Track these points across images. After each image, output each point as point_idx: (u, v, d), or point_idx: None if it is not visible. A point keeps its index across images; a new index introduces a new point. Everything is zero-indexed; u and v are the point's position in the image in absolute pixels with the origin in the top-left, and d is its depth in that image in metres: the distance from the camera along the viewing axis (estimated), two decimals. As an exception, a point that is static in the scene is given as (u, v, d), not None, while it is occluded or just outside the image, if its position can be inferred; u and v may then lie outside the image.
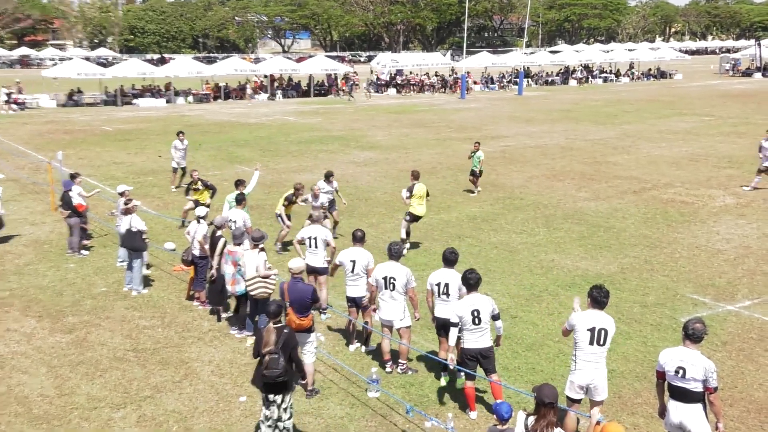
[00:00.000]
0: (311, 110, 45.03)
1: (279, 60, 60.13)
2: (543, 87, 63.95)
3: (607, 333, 7.62)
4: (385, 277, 9.61)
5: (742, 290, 12.77)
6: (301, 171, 24.31)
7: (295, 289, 9.08)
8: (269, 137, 32.45)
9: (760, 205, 18.92)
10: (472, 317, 8.40)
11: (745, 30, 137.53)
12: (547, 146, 29.18)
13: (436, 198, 20.04)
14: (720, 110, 41.68)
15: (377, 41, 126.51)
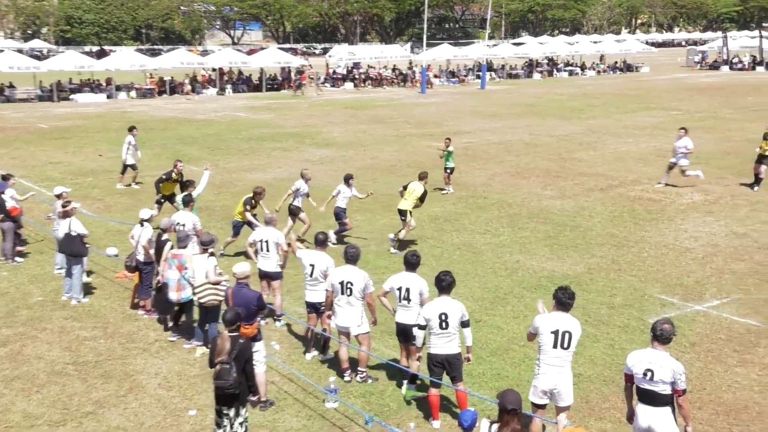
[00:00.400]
0: (263, 105, 44.77)
1: (228, 52, 59.59)
2: (506, 80, 64.61)
3: (571, 336, 7.73)
4: (342, 282, 9.59)
5: (711, 289, 13.10)
6: (252, 170, 24.18)
7: (239, 296, 9.03)
8: (218, 134, 32.19)
9: (728, 201, 19.41)
10: (440, 321, 8.45)
11: (712, 22, 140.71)
12: (511, 142, 29.51)
13: (395, 198, 20.11)
14: (687, 104, 42.63)
15: (333, 33, 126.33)
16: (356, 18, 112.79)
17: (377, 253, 15.24)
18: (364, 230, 17.03)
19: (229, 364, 7.67)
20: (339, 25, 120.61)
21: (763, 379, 9.82)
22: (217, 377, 7.67)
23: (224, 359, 7.69)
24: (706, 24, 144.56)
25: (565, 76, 68.76)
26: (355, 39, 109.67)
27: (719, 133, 31.47)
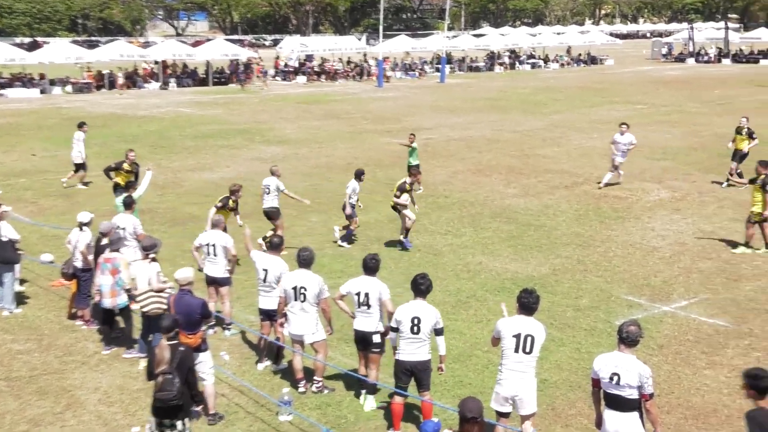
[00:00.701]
0: (210, 101, 44.37)
1: (172, 44, 58.94)
2: (467, 73, 65.05)
3: (534, 340, 7.78)
4: (295, 287, 9.52)
5: (678, 290, 13.36)
6: (199, 169, 23.94)
7: (182, 303, 8.93)
8: (161, 131, 31.81)
9: (695, 198, 19.82)
10: (411, 325, 8.44)
11: (677, 13, 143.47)
12: (473, 138, 29.71)
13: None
14: (653, 98, 43.42)
15: (284, 23, 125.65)
16: (308, 8, 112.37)
17: (333, 257, 15.21)
18: (318, 231, 16.98)
19: (171, 374, 7.61)
20: (290, 16, 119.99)
21: (732, 381, 10.04)
22: (160, 389, 7.59)
23: (166, 369, 7.62)
24: (671, 15, 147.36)
25: (527, 69, 69.51)
26: (308, 30, 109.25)
27: (685, 127, 32.11)
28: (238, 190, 14.51)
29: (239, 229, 16.34)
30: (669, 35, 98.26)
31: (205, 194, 20.62)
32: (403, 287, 13.12)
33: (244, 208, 19.04)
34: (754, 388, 6.59)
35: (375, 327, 9.19)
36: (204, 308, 9.00)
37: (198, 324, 8.92)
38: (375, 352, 9.27)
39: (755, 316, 12.17)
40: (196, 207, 19.10)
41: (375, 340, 9.21)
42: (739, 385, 6.71)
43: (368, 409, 9.32)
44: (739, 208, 18.60)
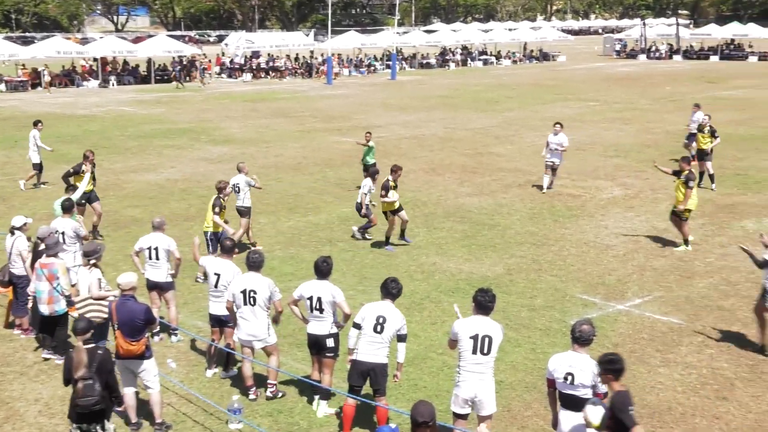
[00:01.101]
0: (152, 99, 43.82)
1: (111, 40, 58.12)
2: (418, 70, 65.35)
3: (491, 341, 7.85)
4: (245, 291, 9.47)
5: (632, 288, 13.63)
6: (142, 170, 23.63)
7: (124, 309, 8.81)
8: (102, 131, 31.30)
9: (648, 196, 20.22)
10: (375, 323, 8.46)
11: (628, 9, 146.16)
12: (425, 137, 29.87)
13: (302, 198, 20.08)
14: (605, 95, 44.18)
15: (229, 19, 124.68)
16: (254, 3, 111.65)
17: (282, 259, 15.15)
18: (267, 233, 16.91)
19: (91, 379, 7.64)
20: (235, 11, 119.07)
21: (686, 378, 10.29)
22: (81, 396, 7.61)
23: (85, 374, 7.64)
24: (623, 11, 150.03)
25: (479, 66, 70.12)
26: (254, 26, 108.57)
27: (638, 124, 32.74)
28: (224, 187, 14.21)
29: (188, 233, 16.21)
30: (620, 31, 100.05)
31: (149, 196, 20.40)
32: (356, 289, 13.21)
33: (189, 211, 18.93)
34: (611, 372, 6.98)
35: (328, 331, 9.20)
36: (147, 314, 8.89)
37: (141, 330, 8.80)
38: (329, 356, 9.27)
39: (708, 313, 12.48)
40: (139, 210, 18.87)
41: (329, 345, 9.21)
42: (601, 375, 7.07)
43: (321, 415, 9.32)
44: (691, 205, 19.05)
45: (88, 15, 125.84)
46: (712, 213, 18.41)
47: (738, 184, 21.39)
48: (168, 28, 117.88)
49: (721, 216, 18.16)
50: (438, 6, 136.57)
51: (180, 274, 13.85)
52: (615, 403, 6.81)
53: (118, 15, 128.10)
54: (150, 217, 14.37)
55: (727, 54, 73.84)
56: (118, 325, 8.78)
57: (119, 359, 8.88)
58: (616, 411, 6.75)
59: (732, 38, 76.44)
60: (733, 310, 12.57)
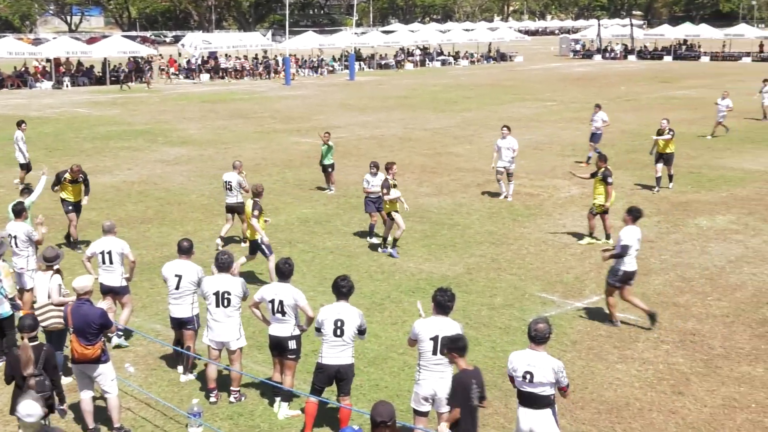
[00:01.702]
0: (108, 100, 43.25)
1: (65, 41, 57.20)
2: (377, 71, 65.41)
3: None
4: (218, 293, 9.42)
5: (590, 285, 13.80)
6: (98, 173, 23.29)
7: (79, 313, 8.70)
8: (56, 133, 30.82)
9: (605, 194, 20.46)
10: (335, 327, 8.44)
11: (584, 9, 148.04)
12: (384, 137, 29.92)
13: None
14: (562, 95, 44.66)
15: (185, 19, 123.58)
16: (211, 3, 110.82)
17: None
18: (227, 236, 16.78)
19: (41, 375, 7.70)
20: (191, 11, 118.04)
21: (643, 374, 10.46)
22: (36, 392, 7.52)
23: (34, 371, 7.67)
24: (578, 12, 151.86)
25: (438, 66, 70.40)
26: (211, 26, 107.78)
27: (594, 124, 33.08)
28: (262, 191, 14.06)
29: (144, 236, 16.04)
30: (576, 32, 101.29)
31: (105, 199, 20.13)
32: (316, 290, 13.19)
33: (146, 213, 18.72)
34: (455, 350, 7.47)
35: (290, 333, 9.17)
36: (103, 318, 8.76)
37: (96, 335, 8.69)
38: (290, 358, 9.25)
39: (664, 309, 12.69)
40: (95, 213, 18.60)
41: (291, 347, 9.19)
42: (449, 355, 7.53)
43: (282, 417, 9.29)
44: (647, 203, 19.34)
45: (41, 15, 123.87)
46: (667, 211, 18.72)
47: (692, 182, 21.78)
48: (123, 29, 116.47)
49: (676, 214, 18.48)
50: (396, 6, 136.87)
51: (138, 277, 13.71)
52: (460, 380, 7.35)
53: (72, 15, 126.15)
54: (101, 220, 14.17)
55: (680, 54, 75.17)
56: (74, 329, 8.67)
57: (75, 364, 8.79)
58: (460, 388, 7.28)
59: (684, 38, 77.85)
60: (688, 306, 12.80)
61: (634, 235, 11.84)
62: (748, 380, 10.27)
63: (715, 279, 14.09)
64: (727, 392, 9.95)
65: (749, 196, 20.14)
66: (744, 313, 12.52)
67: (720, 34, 75.43)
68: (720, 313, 12.53)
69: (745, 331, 11.83)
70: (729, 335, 11.67)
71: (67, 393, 9.92)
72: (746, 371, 10.52)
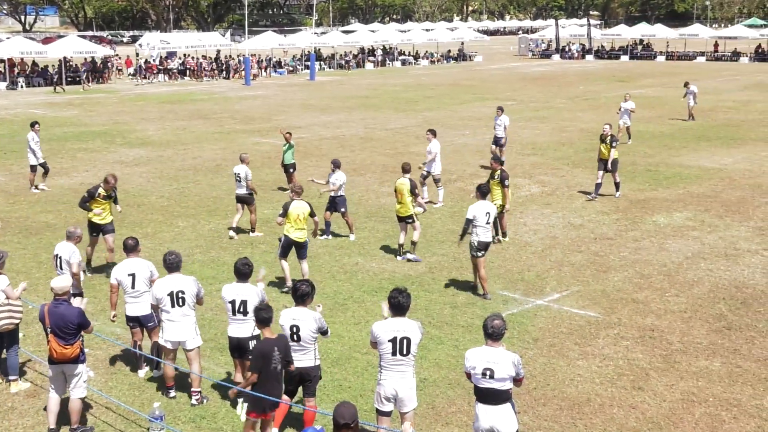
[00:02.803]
0: (64, 101, 42.61)
1: (19, 41, 56.11)
2: (337, 71, 65.32)
3: (410, 342, 7.94)
4: (172, 293, 9.38)
5: (551, 283, 13.93)
6: (55, 174, 22.92)
7: (56, 314, 8.74)
8: (11, 135, 30.28)
9: (565, 192, 20.70)
10: (291, 333, 8.40)
11: (542, 9, 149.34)
12: (345, 137, 29.89)
13: (222, 200, 19.85)
14: (521, 94, 45.02)
15: (142, 19, 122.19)
16: (168, 2, 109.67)
17: (203, 262, 14.95)
18: (187, 237, 16.65)
19: None
20: (149, 10, 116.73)
21: (603, 370, 10.59)
22: None
23: None
24: (536, 11, 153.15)
25: (398, 66, 70.51)
26: (168, 26, 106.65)
27: (553, 123, 33.48)
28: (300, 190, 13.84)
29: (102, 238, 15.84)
30: (535, 32, 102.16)
31: (63, 201, 19.82)
32: (278, 292, 13.13)
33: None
34: (259, 322, 8.22)
35: (251, 333, 9.13)
36: (80, 318, 8.82)
37: (74, 334, 8.75)
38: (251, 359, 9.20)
39: (623, 305, 12.86)
40: (52, 215, 18.33)
41: (251, 347, 9.14)
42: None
43: (245, 418, 9.23)
44: (606, 201, 19.59)
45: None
46: (625, 208, 18.97)
47: (649, 180, 22.09)
48: (79, 29, 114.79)
49: (634, 211, 18.73)
50: (356, 6, 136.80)
51: (95, 281, 13.57)
52: (261, 349, 8.08)
53: (26, 15, 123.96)
54: (64, 223, 13.98)
55: (636, 54, 76.23)
56: (51, 329, 8.71)
57: (52, 364, 8.83)
58: (260, 356, 8.03)
59: (641, 38, 78.97)
60: (647, 302, 12.99)
61: (481, 209, 12.92)
62: (705, 374, 10.45)
63: (673, 275, 14.31)
64: (685, 387, 10.12)
65: (705, 193, 20.49)
66: (701, 308, 12.74)
67: (675, 33, 76.70)
68: (678, 308, 12.73)
69: (703, 326, 12.03)
70: (687, 330, 11.86)
71: (25, 398, 9.79)
72: (704, 366, 10.70)
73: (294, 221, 13.14)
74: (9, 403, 9.68)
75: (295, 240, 13.22)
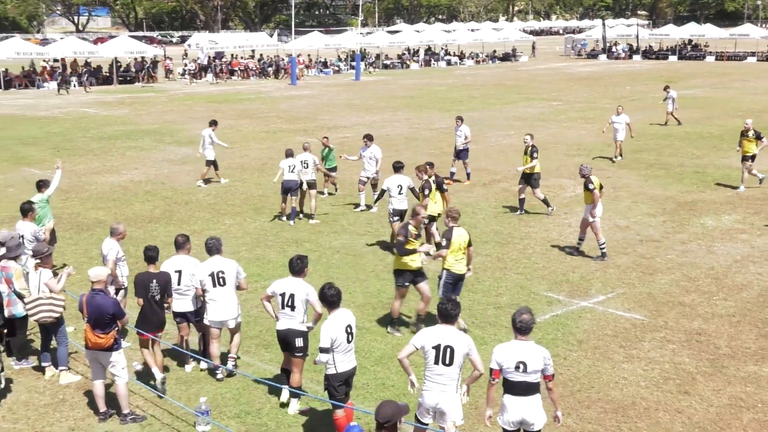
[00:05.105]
0: (115, 100, 43.33)
1: (72, 41, 57.28)
2: (382, 71, 65.40)
3: (453, 351, 7.62)
4: (213, 273, 9.88)
5: (596, 285, 13.77)
6: (105, 172, 23.36)
7: (93, 303, 8.97)
8: (64, 133, 30.90)
9: (610, 194, 20.40)
10: (347, 335, 8.40)
11: (588, 9, 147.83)
12: (390, 137, 29.89)
13: (267, 199, 20.00)
14: (567, 95, 44.58)
15: (191, 19, 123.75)
16: (217, 3, 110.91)
17: (249, 260, 15.06)
18: (233, 235, 16.80)
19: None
20: (198, 11, 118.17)
21: (649, 373, 10.43)
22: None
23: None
24: (583, 11, 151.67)
25: (443, 66, 70.35)
26: (217, 26, 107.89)
27: (599, 123, 32.96)
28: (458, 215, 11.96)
29: (152, 235, 16.02)
30: (581, 32, 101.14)
31: (113, 198, 20.17)
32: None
33: (153, 212, 18.74)
34: (147, 260, 9.83)
35: (297, 327, 9.20)
36: (115, 308, 9.02)
37: (109, 324, 8.95)
38: (298, 355, 9.29)
39: (669, 308, 12.66)
40: (103, 212, 18.65)
41: (298, 344, 9.23)
42: None
43: (292, 412, 9.30)
44: (653, 203, 19.31)
45: (48, 16, 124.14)
46: (672, 210, 18.67)
47: (697, 182, 21.72)
48: (129, 29, 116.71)
49: (681, 213, 18.43)
50: (401, 7, 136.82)
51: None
52: (141, 279, 9.38)
53: (79, 15, 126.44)
54: (114, 220, 14.22)
55: (685, 54, 74.98)
56: (87, 319, 8.94)
57: (88, 350, 9.09)
58: (140, 285, 9.52)
59: (689, 38, 77.65)
60: (694, 306, 12.77)
61: (393, 182, 15.54)
62: (754, 380, 10.23)
63: (721, 278, 14.05)
64: (733, 392, 9.93)
65: (755, 196, 20.07)
66: (750, 312, 12.48)
67: (725, 33, 75.22)
68: (726, 312, 12.49)
69: (752, 330, 11.79)
70: (735, 335, 11.63)
71: (75, 390, 9.97)
72: (753, 371, 10.49)
73: (455, 252, 11.50)
74: (60, 396, 9.87)
75: (460, 274, 11.72)
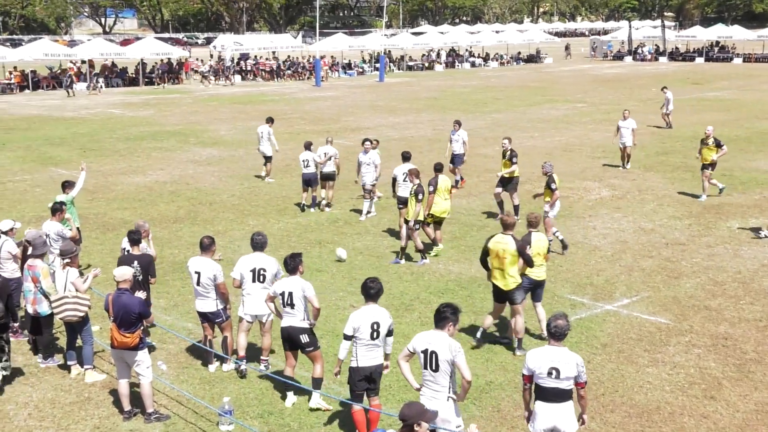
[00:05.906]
0: (141, 101, 43.68)
1: (99, 42, 57.82)
2: (406, 72, 65.39)
3: (437, 357, 7.55)
4: (254, 269, 10.06)
5: (620, 288, 13.67)
6: (131, 172, 23.56)
7: (119, 303, 9.06)
8: (91, 134, 31.20)
9: (635, 197, 20.30)
10: (371, 331, 8.42)
11: (614, 11, 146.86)
12: (413, 138, 29.90)
13: (291, 200, 20.07)
14: (592, 96, 44.31)
15: (216, 21, 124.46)
16: (242, 5, 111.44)
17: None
18: (258, 236, 16.86)
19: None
20: (223, 13, 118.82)
21: (674, 378, 10.34)
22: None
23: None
24: (609, 13, 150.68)
25: (467, 68, 70.21)
26: (242, 28, 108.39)
27: (625, 126, 32.78)
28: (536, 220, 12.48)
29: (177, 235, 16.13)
30: (606, 33, 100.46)
31: (138, 198, 20.34)
32: (346, 291, 13.22)
33: (178, 213, 18.87)
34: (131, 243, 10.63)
35: (299, 324, 9.30)
36: (141, 307, 9.11)
37: (135, 323, 9.03)
38: (309, 351, 9.42)
39: (695, 312, 12.54)
40: (129, 212, 18.80)
41: (303, 340, 9.37)
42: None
43: (314, 405, 9.37)
44: (679, 205, 19.15)
45: (76, 17, 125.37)
46: (698, 213, 18.50)
47: (724, 184, 21.46)
48: (156, 31, 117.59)
49: (708, 216, 18.25)
50: (425, 8, 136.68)
51: (169, 276, 13.89)
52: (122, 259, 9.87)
53: (106, 17, 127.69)
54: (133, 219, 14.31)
55: (712, 56, 74.23)
56: (113, 318, 9.03)
57: (114, 349, 9.19)
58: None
59: (717, 40, 76.85)
60: (720, 310, 12.64)
61: (400, 170, 16.31)
62: (781, 385, 10.12)
63: (748, 283, 13.89)
64: (760, 397, 9.81)
65: (783, 199, 19.84)
66: (777, 317, 12.33)
67: (753, 35, 74.33)
68: (753, 317, 12.35)
69: (779, 335, 11.65)
70: (762, 340, 11.50)
71: (100, 389, 10.05)
72: (779, 376, 10.37)
73: (535, 257, 11.59)
74: (86, 394, 9.97)
75: (539, 280, 11.75)
